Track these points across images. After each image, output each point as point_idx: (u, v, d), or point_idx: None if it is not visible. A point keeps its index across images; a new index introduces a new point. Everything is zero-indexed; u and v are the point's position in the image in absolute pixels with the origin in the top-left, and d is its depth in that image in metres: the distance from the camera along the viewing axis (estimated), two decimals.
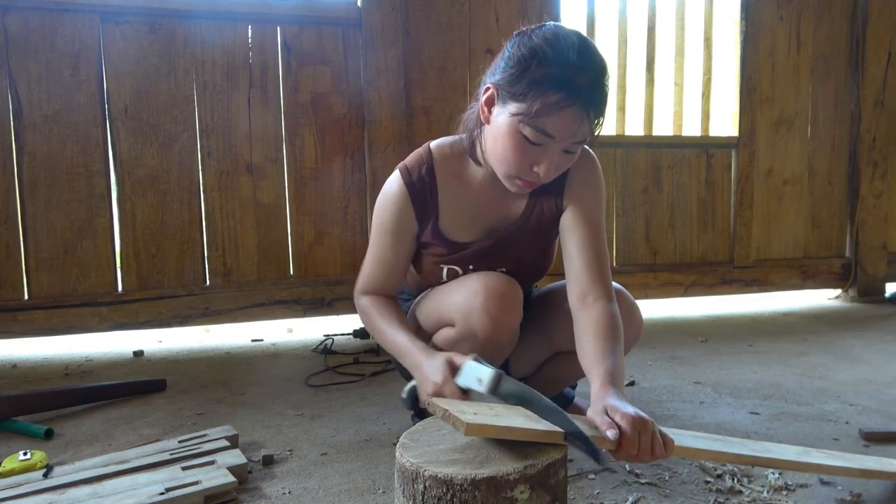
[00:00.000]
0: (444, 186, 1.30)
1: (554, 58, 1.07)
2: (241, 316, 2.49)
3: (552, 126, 1.07)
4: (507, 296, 1.23)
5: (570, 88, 1.05)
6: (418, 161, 1.30)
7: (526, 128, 1.09)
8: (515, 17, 2.71)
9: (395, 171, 1.31)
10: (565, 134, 1.08)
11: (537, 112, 1.06)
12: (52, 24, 2.25)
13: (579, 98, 1.06)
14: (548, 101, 1.06)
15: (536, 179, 1.15)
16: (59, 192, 2.29)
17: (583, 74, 1.07)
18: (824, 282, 3.28)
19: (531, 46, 1.10)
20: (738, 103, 3.07)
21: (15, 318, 2.27)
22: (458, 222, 1.32)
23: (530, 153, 1.11)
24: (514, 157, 1.12)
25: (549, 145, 1.10)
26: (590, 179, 1.29)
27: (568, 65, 1.06)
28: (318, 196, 2.56)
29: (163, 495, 1.10)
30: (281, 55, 2.49)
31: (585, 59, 1.08)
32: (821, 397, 1.76)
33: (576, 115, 1.07)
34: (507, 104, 1.12)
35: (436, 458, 0.87)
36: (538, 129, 1.08)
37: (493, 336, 1.23)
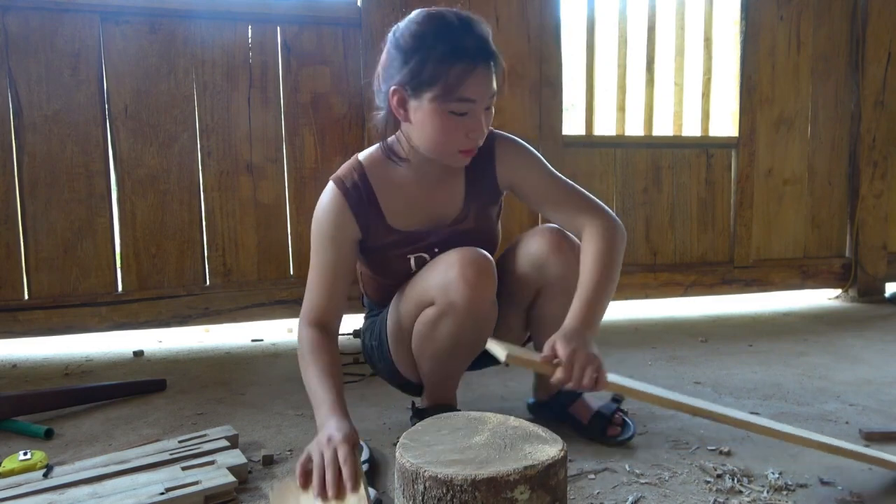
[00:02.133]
0: (380, 189, 1.33)
1: (440, 34, 1.16)
2: (241, 316, 2.49)
3: (470, 92, 1.16)
4: (482, 263, 1.24)
5: (468, 53, 1.15)
6: (349, 171, 1.34)
7: (449, 104, 1.17)
8: (515, 17, 2.72)
9: (329, 184, 1.34)
10: (482, 93, 1.18)
11: (452, 86, 1.15)
12: (52, 24, 2.25)
13: (479, 57, 1.16)
14: (456, 72, 1.15)
15: (474, 145, 1.24)
16: (59, 192, 2.29)
17: (470, 35, 1.16)
18: (824, 282, 3.28)
19: (413, 35, 1.18)
20: (738, 103, 3.07)
21: (15, 318, 2.27)
22: (406, 216, 1.34)
23: (460, 124, 1.19)
24: (448, 135, 1.20)
25: (472, 110, 1.19)
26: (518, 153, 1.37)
27: (454, 33, 1.16)
28: (318, 196, 2.55)
29: (163, 495, 1.10)
30: (281, 55, 2.49)
31: (464, 21, 1.18)
32: (821, 397, 1.76)
33: (485, 73, 1.17)
34: (421, 94, 1.18)
35: (436, 459, 0.87)
36: (460, 100, 1.17)
37: (473, 305, 1.24)
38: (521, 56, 2.73)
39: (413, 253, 1.35)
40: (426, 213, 1.36)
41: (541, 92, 2.74)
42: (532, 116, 2.75)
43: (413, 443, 0.93)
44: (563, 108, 2.83)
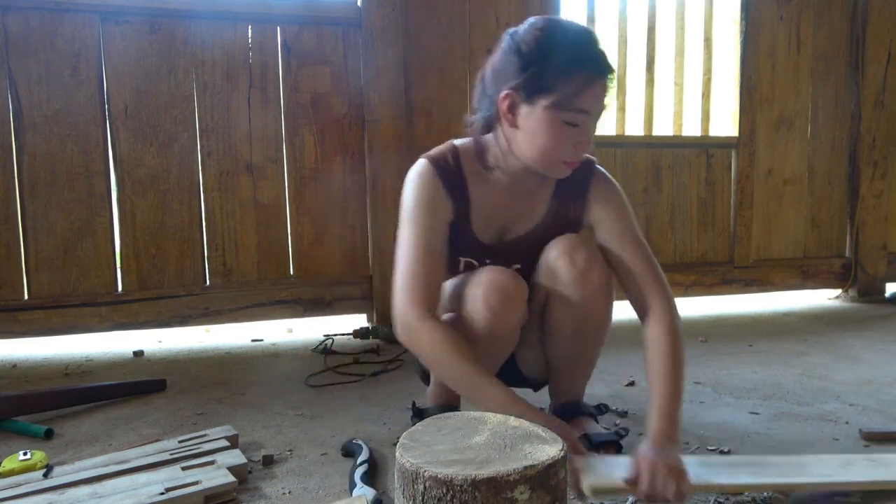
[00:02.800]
0: (471, 180, 1.31)
1: (564, 43, 1.16)
2: (241, 316, 2.49)
3: (586, 103, 1.16)
4: (509, 290, 1.23)
5: (590, 64, 1.15)
6: (443, 153, 1.32)
7: (565, 114, 1.16)
8: (515, 17, 2.71)
9: (420, 160, 1.31)
10: (597, 106, 1.19)
11: (570, 96, 1.15)
12: (52, 24, 2.25)
13: (599, 70, 1.16)
14: (578, 82, 1.14)
15: (579, 157, 1.23)
16: (59, 192, 2.29)
17: (591, 49, 1.17)
18: (824, 282, 3.28)
19: (536, 41, 1.17)
20: (738, 103, 3.07)
21: (15, 318, 2.27)
22: (483, 218, 1.33)
23: (571, 134, 1.18)
24: (557, 144, 1.19)
25: (584, 122, 1.19)
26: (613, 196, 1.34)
27: (578, 45, 1.16)
28: (318, 196, 2.56)
29: (163, 495, 1.10)
30: (281, 55, 2.49)
31: (585, 35, 1.19)
32: (821, 397, 1.76)
33: (602, 86, 1.18)
34: (535, 101, 1.17)
35: (436, 459, 0.87)
36: (576, 111, 1.16)
37: (490, 330, 1.23)
38: None
39: (465, 256, 1.34)
40: (502, 220, 1.34)
41: None
42: None
43: (413, 443, 0.93)
44: None
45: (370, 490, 1.14)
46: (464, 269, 1.35)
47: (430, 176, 1.28)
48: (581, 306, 1.30)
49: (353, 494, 1.16)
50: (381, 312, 2.59)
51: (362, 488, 1.16)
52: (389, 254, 2.57)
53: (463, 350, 1.16)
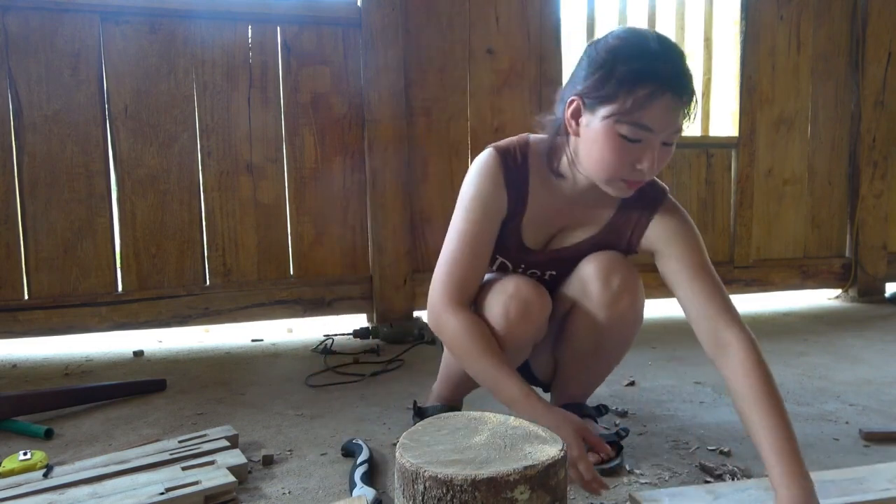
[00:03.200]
0: (534, 181, 1.25)
1: (635, 52, 1.07)
2: (241, 316, 2.49)
3: (649, 119, 1.07)
4: (531, 304, 1.21)
5: (659, 78, 1.05)
6: (514, 147, 1.26)
7: (623, 126, 1.08)
8: (515, 17, 2.72)
9: (489, 150, 1.25)
10: (662, 124, 1.08)
11: (631, 108, 1.06)
12: (52, 24, 2.25)
13: (669, 85, 1.06)
14: (640, 95, 1.05)
15: (641, 178, 1.14)
16: (59, 192, 2.29)
17: (667, 62, 1.07)
18: (824, 282, 3.28)
19: (609, 48, 1.10)
20: (738, 103, 3.07)
21: (15, 318, 2.27)
22: (534, 224, 1.28)
23: (630, 151, 1.10)
24: (614, 158, 1.11)
25: (647, 140, 1.09)
26: (682, 225, 1.26)
27: (651, 55, 1.06)
28: (318, 196, 2.56)
29: (163, 495, 1.10)
30: (281, 55, 2.49)
31: (665, 47, 1.08)
32: (821, 397, 1.76)
33: (669, 104, 1.06)
34: (596, 110, 1.11)
35: (436, 459, 0.87)
36: (636, 125, 1.07)
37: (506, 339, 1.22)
38: (521, 56, 2.73)
39: (503, 257, 1.31)
40: (554, 228, 1.30)
41: (541, 91, 2.74)
42: (532, 116, 2.74)
43: (413, 443, 0.93)
44: None
45: (370, 490, 1.14)
46: (498, 267, 1.33)
47: (494, 168, 1.23)
48: (605, 329, 1.29)
49: (353, 494, 1.16)
50: (381, 312, 2.59)
51: (362, 488, 1.16)
52: (389, 254, 2.59)
53: (486, 342, 1.16)
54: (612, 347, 1.35)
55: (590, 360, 1.37)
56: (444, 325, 1.20)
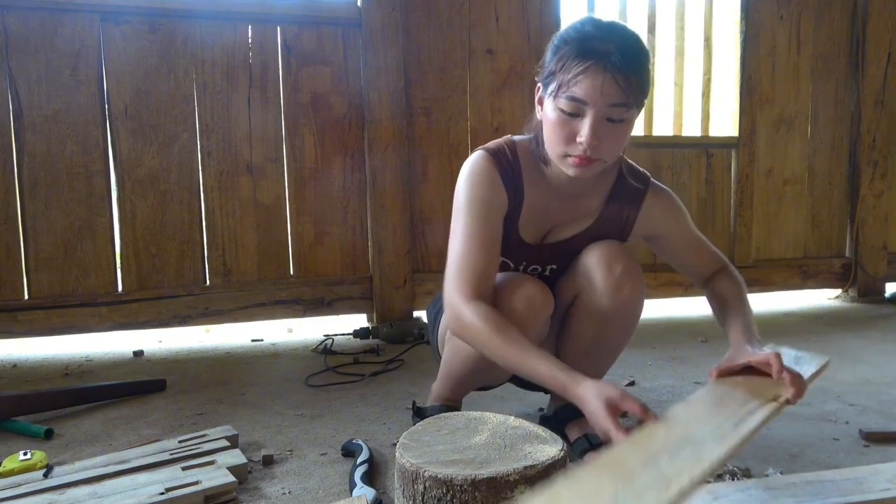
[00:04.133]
0: (527, 178, 1.29)
1: (575, 34, 1.16)
2: (241, 316, 2.49)
3: (581, 91, 1.12)
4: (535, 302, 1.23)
5: (589, 53, 1.12)
6: (502, 147, 1.30)
7: (560, 100, 1.15)
8: (515, 17, 2.72)
9: (478, 151, 1.29)
10: (594, 96, 1.12)
11: (564, 81, 1.13)
12: (52, 24, 2.25)
13: (600, 60, 1.11)
14: (575, 70, 1.12)
15: (584, 153, 1.16)
16: (58, 192, 2.29)
17: (601, 41, 1.13)
18: (824, 282, 3.28)
19: (560, 35, 1.19)
20: (738, 103, 3.07)
21: (15, 318, 2.27)
22: (531, 219, 1.31)
23: (571, 126, 1.15)
24: (558, 132, 1.17)
25: (585, 113, 1.14)
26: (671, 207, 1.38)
27: (586, 35, 1.14)
28: (318, 196, 2.56)
29: (163, 495, 1.10)
30: (281, 55, 2.49)
31: (605, 30, 1.15)
32: (821, 397, 1.76)
33: (599, 76, 1.11)
34: (547, 90, 1.18)
35: (436, 459, 0.87)
36: (570, 98, 1.13)
37: None
38: (521, 56, 2.73)
39: (503, 255, 1.32)
40: (550, 222, 1.33)
41: None
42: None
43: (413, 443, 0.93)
44: None
45: (370, 490, 1.14)
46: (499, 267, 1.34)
47: (489, 168, 1.27)
48: (607, 317, 1.29)
49: (353, 494, 1.16)
50: (381, 312, 2.59)
51: (362, 488, 1.16)
52: (389, 254, 2.59)
53: (506, 329, 1.15)
54: (614, 337, 1.36)
55: (592, 351, 1.37)
56: (465, 321, 1.18)
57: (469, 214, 1.24)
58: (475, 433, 0.96)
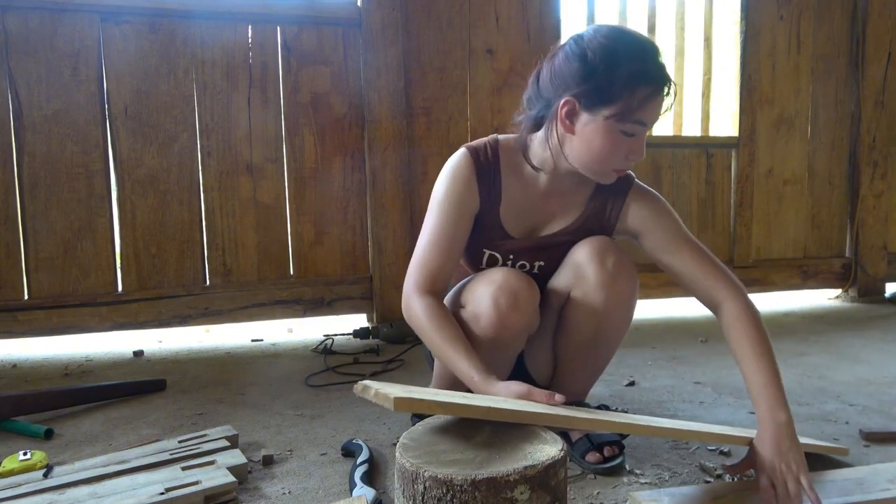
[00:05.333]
0: (506, 174, 1.32)
1: (632, 55, 1.15)
2: (241, 316, 2.49)
3: (647, 116, 1.17)
4: (520, 294, 1.23)
5: (653, 78, 1.15)
6: (483, 145, 1.33)
7: (625, 124, 1.17)
8: (515, 17, 2.72)
9: (461, 150, 1.32)
10: (654, 118, 1.20)
11: (634, 108, 1.15)
12: (51, 24, 2.25)
13: (661, 83, 1.16)
14: (642, 96, 1.15)
15: (629, 166, 1.25)
16: (59, 192, 2.29)
17: (654, 59, 1.17)
18: (824, 282, 3.28)
19: (603, 49, 1.16)
20: (738, 103, 3.07)
21: (15, 318, 2.27)
22: (513, 213, 1.33)
23: (626, 145, 1.20)
24: (613, 153, 1.20)
25: (641, 132, 1.20)
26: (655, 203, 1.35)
27: (644, 57, 1.16)
28: (318, 196, 2.56)
29: (163, 495, 1.10)
30: (281, 55, 2.49)
31: (651, 46, 1.19)
32: (821, 397, 1.76)
33: (662, 100, 1.18)
34: (597, 110, 1.17)
35: (436, 459, 0.87)
36: (636, 122, 1.17)
37: (496, 332, 1.22)
38: (521, 56, 2.73)
39: (490, 249, 1.34)
40: (534, 218, 1.35)
41: None
42: None
43: (413, 443, 0.93)
44: None
45: (370, 490, 1.14)
46: (487, 262, 1.35)
47: (465, 166, 1.29)
48: (603, 311, 1.29)
49: (353, 494, 1.16)
50: (381, 312, 2.59)
51: (362, 488, 1.16)
52: (389, 254, 2.59)
53: (445, 325, 1.21)
54: (610, 333, 1.35)
55: (590, 349, 1.37)
56: (413, 311, 1.25)
57: (440, 213, 1.29)
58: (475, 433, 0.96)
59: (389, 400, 0.84)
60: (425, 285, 1.26)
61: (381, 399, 0.87)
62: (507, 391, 1.08)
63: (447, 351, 1.19)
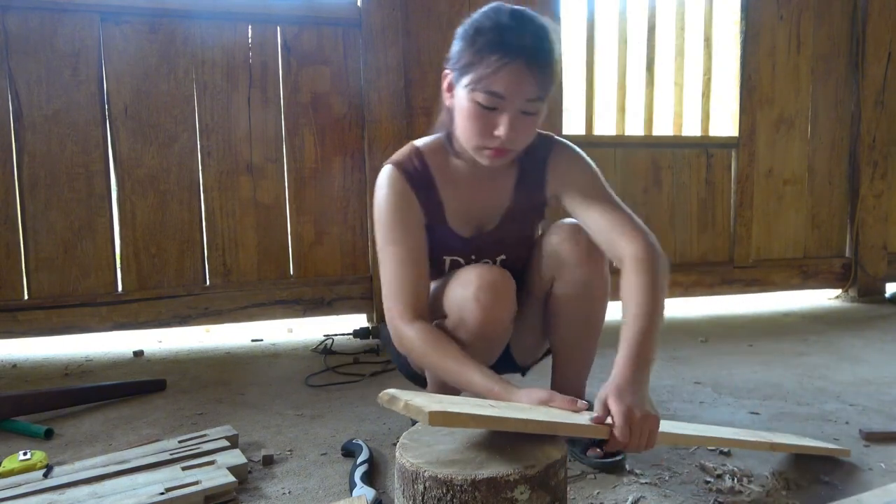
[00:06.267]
0: (439, 178, 1.32)
1: (490, 25, 1.15)
2: (241, 316, 2.49)
3: (498, 85, 1.13)
4: (499, 286, 1.23)
5: (507, 47, 1.12)
6: (407, 156, 1.32)
7: (478, 94, 1.14)
8: None
9: (386, 167, 1.31)
10: (513, 91, 1.13)
11: (483, 76, 1.13)
12: (52, 24, 2.25)
13: (518, 55, 1.12)
14: (490, 63, 1.12)
15: (501, 145, 1.18)
16: (58, 192, 2.29)
17: (518, 33, 1.13)
18: (824, 282, 3.28)
19: (471, 23, 1.18)
20: (738, 103, 3.07)
21: (15, 318, 2.27)
22: (458, 214, 1.34)
23: (488, 118, 1.16)
24: (473, 125, 1.17)
25: (502, 106, 1.15)
26: (571, 161, 1.34)
27: (503, 27, 1.13)
28: (318, 196, 2.56)
29: (163, 495, 1.10)
30: (281, 55, 2.49)
31: (520, 21, 1.15)
32: (821, 397, 1.76)
33: (518, 71, 1.12)
34: (460, 80, 1.18)
35: (436, 459, 0.87)
36: (488, 92, 1.13)
37: (484, 328, 1.23)
38: None
39: (450, 255, 1.34)
40: (474, 211, 1.35)
41: None
42: None
43: (413, 443, 0.93)
44: (563, 108, 2.83)
45: (370, 490, 1.14)
46: (450, 267, 1.35)
47: (398, 182, 1.28)
48: (587, 286, 1.31)
49: (353, 494, 1.16)
50: (381, 312, 2.57)
51: (362, 488, 1.16)
52: None
53: (443, 345, 1.19)
54: (597, 307, 1.36)
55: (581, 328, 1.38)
56: (408, 342, 1.23)
57: (393, 239, 1.26)
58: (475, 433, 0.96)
59: (424, 414, 0.81)
60: (408, 313, 1.23)
61: (412, 412, 0.84)
62: (529, 398, 1.07)
63: (456, 372, 1.16)
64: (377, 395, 0.95)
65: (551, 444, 0.91)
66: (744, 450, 1.39)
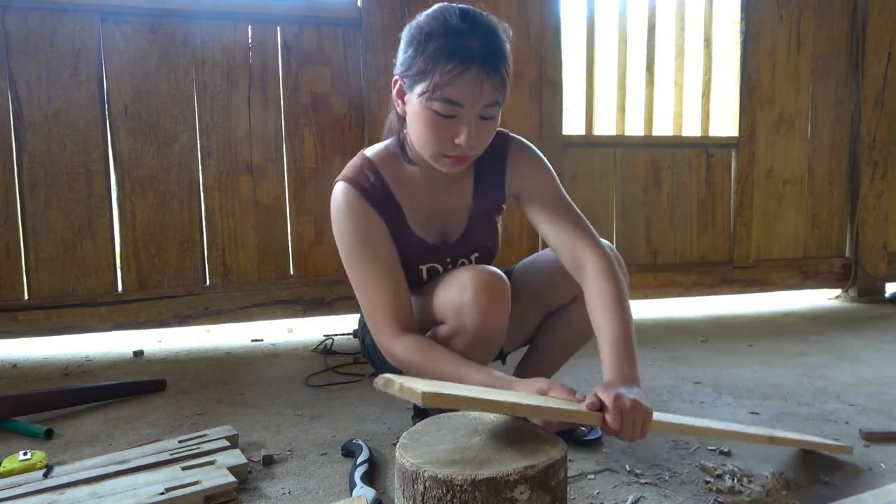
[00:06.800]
0: (395, 187, 1.28)
1: (440, 29, 1.11)
2: (241, 316, 2.49)
3: (456, 93, 1.09)
4: (496, 288, 1.21)
5: (461, 53, 1.08)
6: (360, 170, 1.27)
7: (434, 103, 1.11)
8: (515, 17, 2.71)
9: (339, 185, 1.26)
10: (471, 98, 1.10)
11: (438, 84, 1.09)
12: (51, 24, 2.25)
13: (474, 60, 1.08)
14: (445, 71, 1.08)
15: (462, 153, 1.16)
16: (58, 192, 2.29)
17: (471, 37, 1.09)
18: (824, 282, 3.28)
19: (418, 27, 1.15)
20: (738, 103, 3.07)
21: (15, 318, 2.27)
22: (421, 221, 1.31)
23: (446, 127, 1.13)
24: (431, 134, 1.14)
25: (461, 114, 1.12)
26: (531, 163, 1.33)
27: (454, 31, 1.09)
28: (318, 196, 2.56)
29: (163, 495, 1.10)
30: (281, 55, 2.49)
31: (470, 23, 1.11)
32: (821, 397, 1.76)
33: (475, 78, 1.09)
34: (413, 89, 1.14)
35: (436, 459, 0.87)
36: (444, 101, 1.10)
37: (484, 330, 1.22)
38: (521, 56, 2.73)
39: (425, 264, 1.32)
40: (437, 216, 1.33)
41: (541, 92, 2.74)
42: (532, 116, 2.75)
43: (413, 443, 0.93)
44: (564, 108, 2.83)
45: (370, 490, 1.14)
46: (428, 276, 1.33)
47: (353, 198, 1.24)
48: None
49: (353, 494, 1.16)
50: None
51: (362, 488, 1.16)
52: None
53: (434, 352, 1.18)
54: None
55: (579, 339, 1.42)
56: (397, 357, 1.22)
57: (357, 255, 1.24)
58: (475, 433, 0.96)
59: (417, 394, 0.82)
60: (394, 328, 1.21)
61: (406, 393, 0.85)
62: (528, 388, 1.07)
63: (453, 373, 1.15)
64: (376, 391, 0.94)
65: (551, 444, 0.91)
66: (744, 450, 1.39)
